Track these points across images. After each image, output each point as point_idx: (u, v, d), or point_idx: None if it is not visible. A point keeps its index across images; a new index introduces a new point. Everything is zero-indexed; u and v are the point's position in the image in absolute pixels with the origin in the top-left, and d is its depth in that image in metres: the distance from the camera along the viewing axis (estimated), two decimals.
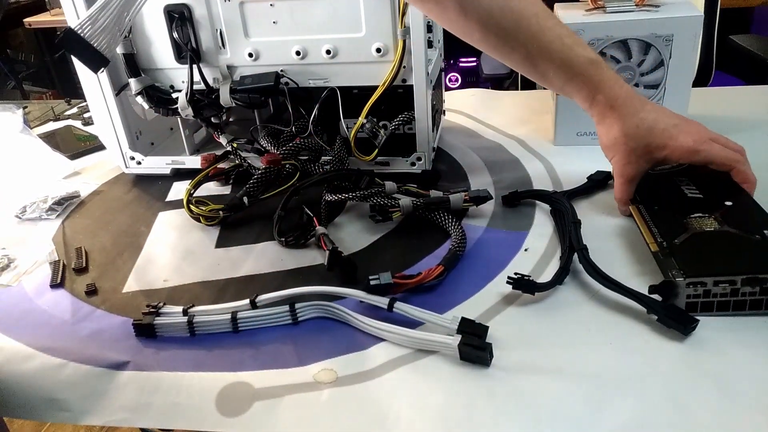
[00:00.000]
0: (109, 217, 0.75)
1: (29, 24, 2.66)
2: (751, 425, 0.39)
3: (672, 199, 0.58)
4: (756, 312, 0.47)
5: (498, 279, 0.55)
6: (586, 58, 0.58)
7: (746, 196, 0.56)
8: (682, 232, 0.52)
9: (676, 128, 0.57)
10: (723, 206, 0.54)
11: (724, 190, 0.56)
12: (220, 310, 0.53)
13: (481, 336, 0.47)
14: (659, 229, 0.54)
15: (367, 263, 0.60)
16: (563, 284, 0.54)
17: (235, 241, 0.67)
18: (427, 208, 0.65)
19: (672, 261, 0.49)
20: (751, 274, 0.46)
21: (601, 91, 0.58)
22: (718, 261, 0.48)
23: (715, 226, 0.52)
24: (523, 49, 0.59)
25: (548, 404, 0.42)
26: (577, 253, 0.55)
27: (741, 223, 0.51)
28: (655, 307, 0.48)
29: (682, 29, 0.71)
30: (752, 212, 0.53)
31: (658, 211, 0.57)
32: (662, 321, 0.47)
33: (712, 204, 0.55)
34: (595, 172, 0.69)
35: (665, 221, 0.55)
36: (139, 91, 0.76)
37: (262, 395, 0.46)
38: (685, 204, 0.56)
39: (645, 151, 0.58)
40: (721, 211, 0.54)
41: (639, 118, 0.57)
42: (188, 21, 0.73)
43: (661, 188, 0.60)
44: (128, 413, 0.46)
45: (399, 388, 0.45)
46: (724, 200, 0.55)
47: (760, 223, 0.51)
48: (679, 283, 0.47)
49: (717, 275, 0.46)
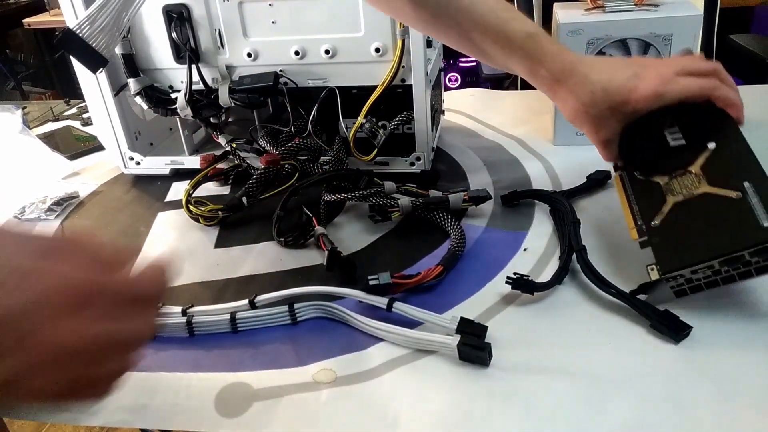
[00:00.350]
0: (109, 218, 0.75)
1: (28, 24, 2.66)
2: (751, 425, 0.39)
3: (654, 154, 0.55)
4: (750, 278, 0.46)
5: (497, 279, 0.55)
6: (524, 32, 0.54)
7: (730, 130, 0.52)
8: (662, 203, 0.51)
9: (634, 78, 0.52)
10: (706, 150, 0.52)
11: (709, 126, 0.53)
12: (219, 311, 0.53)
13: (480, 336, 0.47)
14: (639, 205, 0.53)
15: (366, 263, 0.60)
16: (563, 284, 0.54)
17: (235, 241, 0.67)
18: (426, 208, 0.65)
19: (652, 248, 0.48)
20: (727, 255, 0.45)
21: (543, 65, 0.54)
22: (695, 244, 0.47)
23: (695, 187, 0.50)
24: (456, 24, 0.56)
25: (548, 404, 0.42)
26: (576, 253, 0.55)
27: (723, 176, 0.49)
28: (649, 313, 0.48)
29: (681, 29, 0.71)
30: (735, 156, 0.50)
31: (640, 179, 0.54)
32: (655, 327, 0.47)
33: (695, 150, 0.52)
34: (594, 171, 0.69)
35: (646, 191, 0.53)
36: (138, 91, 0.76)
37: (261, 395, 0.46)
38: (667, 158, 0.53)
39: (610, 113, 0.54)
40: (704, 162, 0.51)
41: (591, 84, 0.53)
42: (187, 21, 0.73)
43: (644, 140, 0.56)
44: (127, 414, 0.46)
45: (398, 388, 0.45)
46: (708, 140, 0.52)
47: (742, 172, 0.48)
48: (657, 281, 0.47)
49: (692, 265, 0.45)
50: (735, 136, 0.52)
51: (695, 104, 0.53)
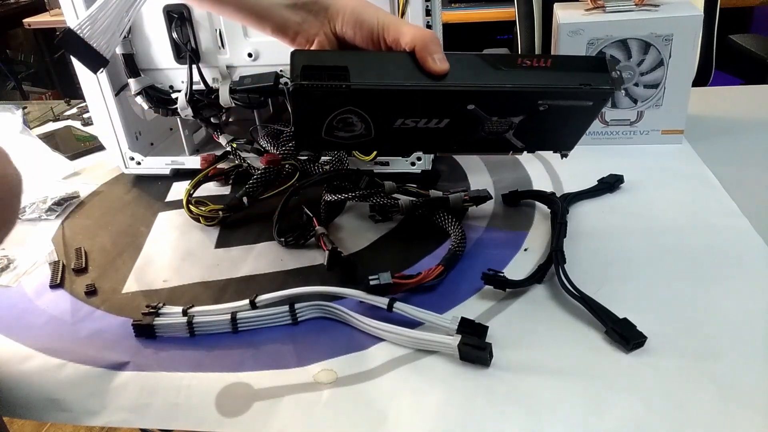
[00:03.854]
0: (109, 218, 0.75)
1: (29, 24, 2.66)
2: (751, 425, 0.39)
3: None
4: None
5: None
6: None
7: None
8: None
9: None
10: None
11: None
12: (219, 311, 0.53)
13: (481, 336, 0.47)
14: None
15: (366, 263, 0.60)
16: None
17: (235, 241, 0.67)
18: (426, 208, 0.65)
19: None
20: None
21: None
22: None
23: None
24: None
25: (548, 404, 0.42)
26: (552, 253, 0.55)
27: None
28: (605, 320, 0.48)
29: (681, 29, 0.71)
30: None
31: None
32: (609, 333, 0.47)
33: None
34: (608, 175, 0.69)
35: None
36: (139, 91, 0.76)
37: (261, 396, 0.46)
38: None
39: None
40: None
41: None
42: (187, 21, 0.73)
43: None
44: (128, 414, 0.46)
45: (399, 388, 0.45)
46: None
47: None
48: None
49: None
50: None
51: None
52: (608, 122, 0.78)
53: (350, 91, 0.47)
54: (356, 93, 0.47)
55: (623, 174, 0.69)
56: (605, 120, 0.78)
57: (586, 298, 0.50)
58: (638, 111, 0.76)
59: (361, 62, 0.48)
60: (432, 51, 0.48)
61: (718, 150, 0.74)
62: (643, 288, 0.52)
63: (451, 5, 2.20)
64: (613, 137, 0.78)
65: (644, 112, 0.76)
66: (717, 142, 0.76)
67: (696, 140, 0.76)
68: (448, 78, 0.48)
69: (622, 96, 0.76)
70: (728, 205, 0.63)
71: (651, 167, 0.72)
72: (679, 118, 0.76)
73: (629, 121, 0.77)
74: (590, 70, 0.50)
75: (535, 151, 0.59)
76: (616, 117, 0.77)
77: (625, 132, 0.78)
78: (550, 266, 0.54)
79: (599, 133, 0.79)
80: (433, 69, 0.48)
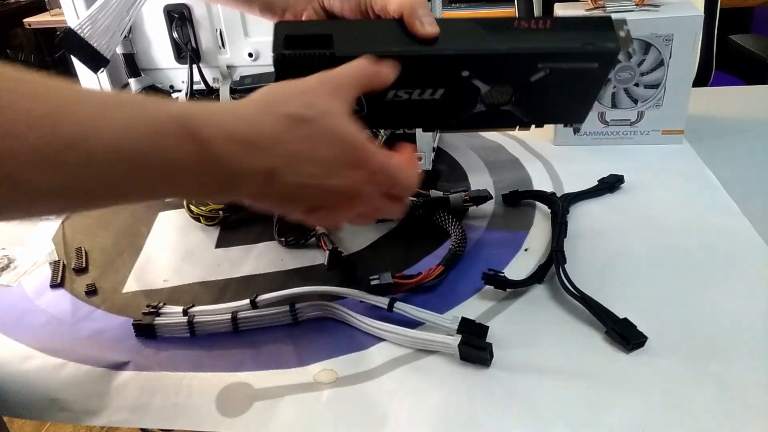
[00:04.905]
0: (109, 217, 0.75)
1: (29, 24, 2.66)
2: (751, 425, 0.39)
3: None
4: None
5: None
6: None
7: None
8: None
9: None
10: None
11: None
12: (220, 310, 0.53)
13: (481, 336, 0.47)
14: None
15: (367, 263, 0.60)
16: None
17: (235, 241, 0.67)
18: (427, 207, 0.65)
19: None
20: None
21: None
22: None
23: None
24: None
25: (548, 404, 0.42)
26: (552, 253, 0.55)
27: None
28: (606, 320, 0.48)
29: (682, 29, 0.71)
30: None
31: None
32: (609, 333, 0.47)
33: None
34: (608, 175, 0.69)
35: None
36: (139, 91, 0.76)
37: (261, 395, 0.46)
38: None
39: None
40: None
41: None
42: (188, 21, 0.73)
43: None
44: (128, 413, 0.46)
45: (399, 388, 0.45)
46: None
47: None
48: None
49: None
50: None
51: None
52: (608, 122, 0.78)
53: (335, 59, 0.44)
54: (342, 61, 0.43)
55: (623, 174, 0.69)
56: (605, 120, 0.78)
57: (586, 298, 0.50)
58: (638, 111, 0.76)
59: (346, 30, 0.46)
60: (420, 15, 0.45)
61: (718, 150, 0.74)
62: (643, 288, 0.52)
63: (451, 5, 2.20)
64: (613, 137, 0.78)
65: (644, 112, 0.76)
66: (717, 142, 0.76)
67: (696, 140, 0.76)
68: (439, 43, 0.45)
69: (623, 96, 0.76)
70: (728, 205, 0.63)
71: (651, 167, 0.72)
72: (680, 118, 0.76)
73: (629, 121, 0.77)
74: (594, 30, 0.46)
75: (543, 125, 0.54)
76: (617, 117, 0.77)
77: (625, 132, 0.78)
78: (550, 266, 0.54)
79: (599, 133, 0.79)
80: (422, 33, 0.45)
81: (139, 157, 0.31)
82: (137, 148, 0.31)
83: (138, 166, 0.31)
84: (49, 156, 0.27)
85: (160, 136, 0.32)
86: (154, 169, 0.32)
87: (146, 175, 0.32)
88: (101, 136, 0.29)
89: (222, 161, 0.34)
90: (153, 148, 0.31)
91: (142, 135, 0.31)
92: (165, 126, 0.32)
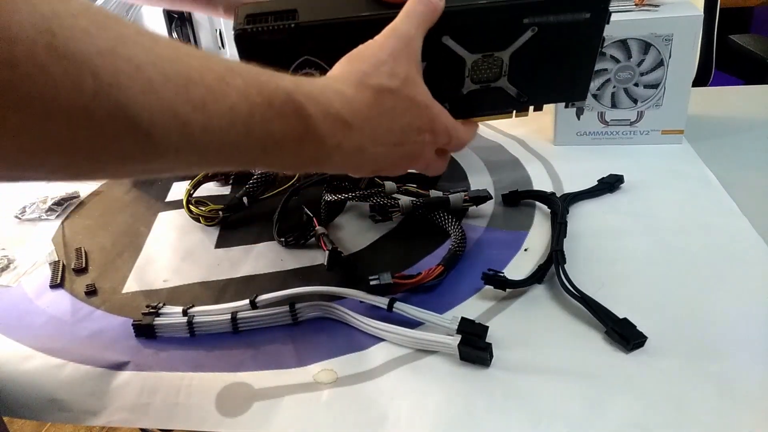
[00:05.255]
0: (109, 218, 0.75)
1: None
2: (751, 425, 0.39)
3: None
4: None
5: None
6: None
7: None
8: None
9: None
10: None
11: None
12: (220, 311, 0.53)
13: (481, 336, 0.47)
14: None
15: (367, 263, 0.60)
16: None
17: (235, 241, 0.67)
18: (426, 208, 0.65)
19: None
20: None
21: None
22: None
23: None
24: None
25: (548, 404, 0.42)
26: (552, 253, 0.55)
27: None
28: (606, 320, 0.48)
29: (681, 29, 0.71)
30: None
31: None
32: (609, 333, 0.47)
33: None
34: (608, 175, 0.69)
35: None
36: None
37: (261, 395, 0.46)
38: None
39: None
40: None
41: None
42: (188, 21, 0.73)
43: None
44: (128, 413, 0.46)
45: (399, 388, 0.45)
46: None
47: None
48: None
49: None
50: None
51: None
52: (608, 122, 0.78)
53: (298, 29, 0.41)
54: (305, 32, 0.41)
55: (623, 174, 0.69)
56: (605, 120, 0.78)
57: (586, 298, 0.50)
58: (638, 111, 0.76)
59: (311, 2, 0.43)
60: None
61: (718, 150, 0.74)
62: (643, 288, 0.52)
63: None
64: (613, 137, 0.78)
65: (644, 112, 0.76)
66: (717, 142, 0.76)
67: (696, 140, 0.76)
68: None
69: (623, 96, 0.76)
70: (728, 205, 0.63)
71: (651, 167, 0.72)
72: (679, 118, 0.76)
73: (629, 121, 0.77)
74: None
75: (541, 106, 0.51)
76: (616, 117, 0.77)
77: (625, 132, 0.78)
78: (550, 266, 0.54)
79: (599, 133, 0.79)
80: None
81: (249, 125, 0.32)
82: (248, 118, 0.32)
83: (246, 133, 0.32)
84: (180, 115, 0.29)
85: (269, 107, 0.33)
86: (259, 139, 0.33)
87: (252, 143, 0.33)
88: (225, 101, 0.30)
89: (321, 138, 0.36)
90: (262, 118, 0.32)
91: (255, 104, 0.32)
92: (274, 98, 0.33)
